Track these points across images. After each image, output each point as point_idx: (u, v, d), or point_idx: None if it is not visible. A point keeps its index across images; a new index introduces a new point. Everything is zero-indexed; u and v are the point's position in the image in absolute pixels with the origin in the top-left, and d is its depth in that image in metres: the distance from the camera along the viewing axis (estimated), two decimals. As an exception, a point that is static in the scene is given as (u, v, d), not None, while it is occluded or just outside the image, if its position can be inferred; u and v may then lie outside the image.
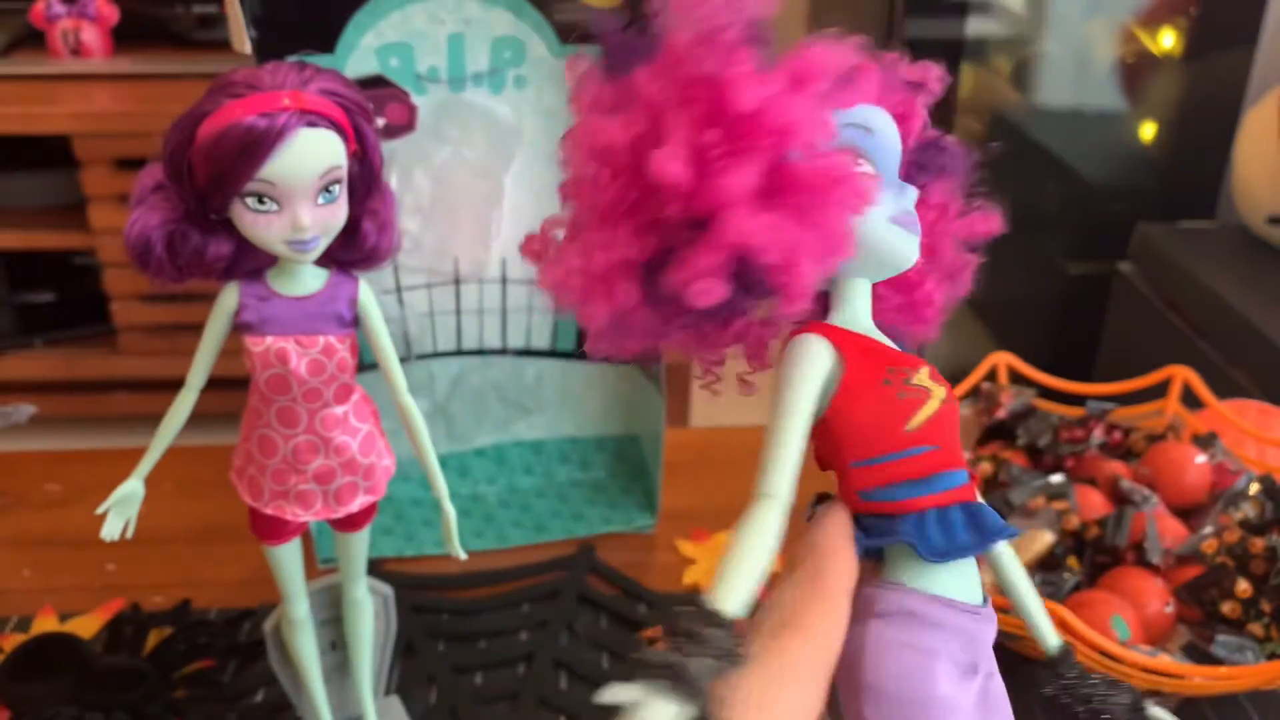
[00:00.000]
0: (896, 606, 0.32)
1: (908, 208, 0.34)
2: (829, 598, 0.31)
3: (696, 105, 0.29)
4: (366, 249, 0.51)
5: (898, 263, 0.34)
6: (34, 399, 0.77)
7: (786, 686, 0.28)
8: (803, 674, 0.29)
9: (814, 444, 0.34)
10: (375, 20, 0.67)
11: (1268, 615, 0.61)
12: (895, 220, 0.33)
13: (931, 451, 0.32)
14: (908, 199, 0.34)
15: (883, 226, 0.33)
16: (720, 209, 0.29)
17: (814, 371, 0.33)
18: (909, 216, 0.34)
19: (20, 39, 1.83)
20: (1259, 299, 1.22)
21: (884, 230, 0.33)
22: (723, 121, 0.29)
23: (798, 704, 0.28)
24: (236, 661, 0.67)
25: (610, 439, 0.86)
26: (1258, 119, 1.33)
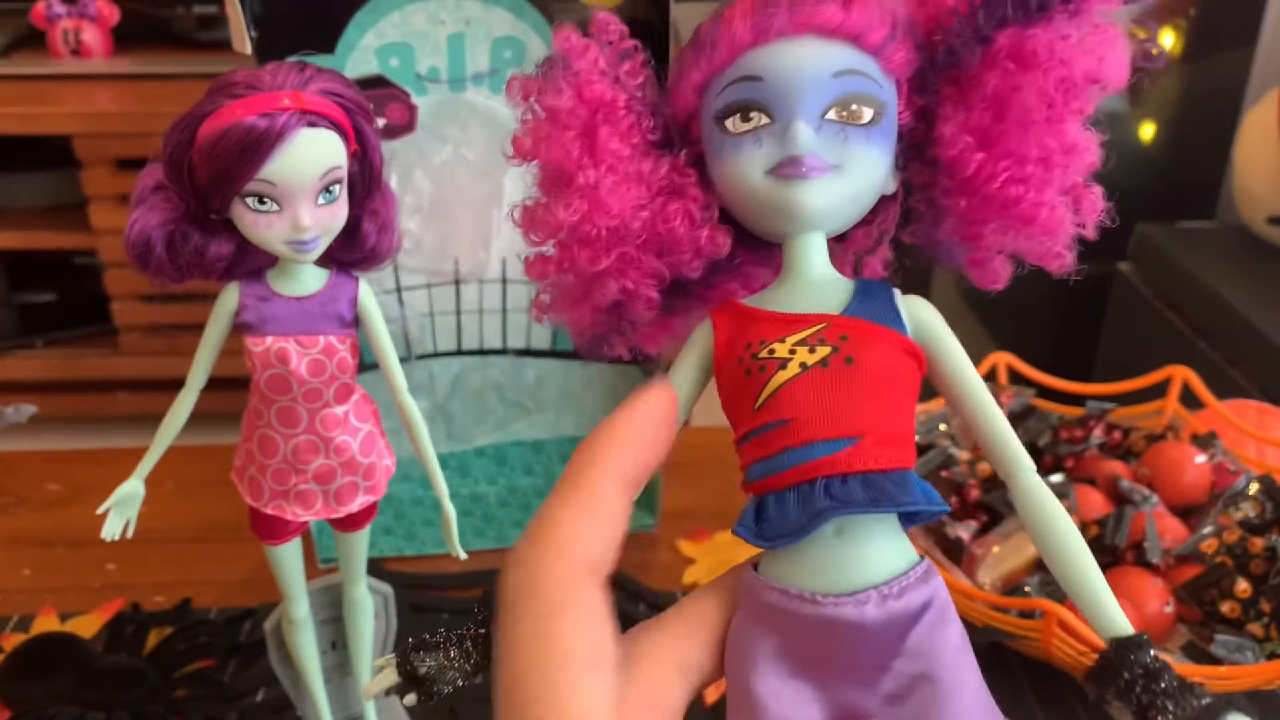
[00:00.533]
0: (747, 596, 0.31)
1: (790, 151, 0.31)
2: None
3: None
4: (367, 249, 0.51)
5: (782, 217, 0.32)
6: (34, 399, 0.77)
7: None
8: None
9: None
10: (375, 20, 0.68)
11: (1267, 615, 0.61)
12: (773, 171, 0.31)
13: (780, 428, 0.30)
14: (796, 141, 0.31)
15: (756, 180, 0.32)
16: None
17: (688, 354, 0.33)
18: (790, 163, 0.31)
19: (21, 39, 1.83)
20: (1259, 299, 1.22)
21: (756, 183, 0.32)
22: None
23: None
24: (237, 661, 0.67)
25: (610, 439, 0.86)
26: (1257, 119, 1.33)
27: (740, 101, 0.32)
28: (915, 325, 0.33)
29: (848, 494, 0.29)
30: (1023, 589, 0.64)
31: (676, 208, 0.33)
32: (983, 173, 0.32)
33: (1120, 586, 0.64)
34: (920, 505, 0.30)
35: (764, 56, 0.31)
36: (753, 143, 0.31)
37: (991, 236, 0.33)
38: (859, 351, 0.31)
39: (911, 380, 0.32)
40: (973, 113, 0.32)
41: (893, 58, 0.32)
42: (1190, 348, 1.26)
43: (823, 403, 0.30)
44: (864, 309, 0.32)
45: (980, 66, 0.32)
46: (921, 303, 0.33)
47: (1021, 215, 0.32)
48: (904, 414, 0.31)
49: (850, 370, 0.30)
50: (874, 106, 0.32)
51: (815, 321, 0.31)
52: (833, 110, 0.31)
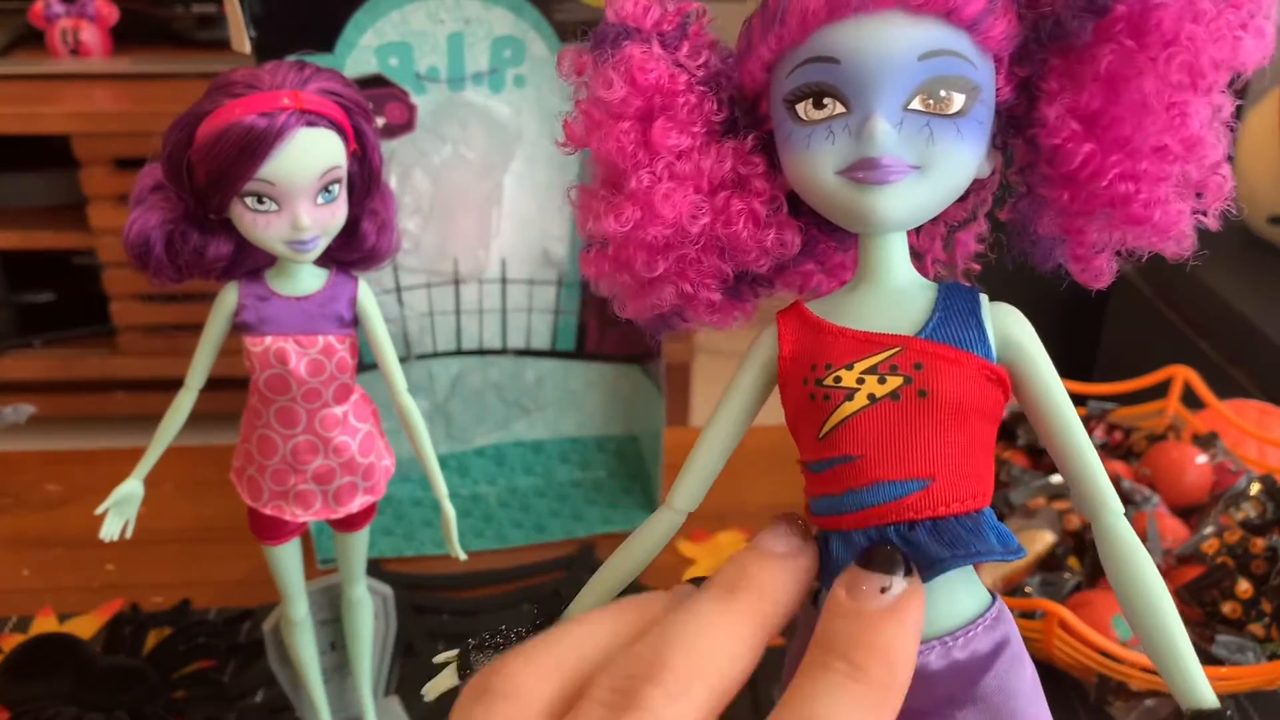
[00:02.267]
0: (808, 631, 0.28)
1: (866, 152, 0.28)
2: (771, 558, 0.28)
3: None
4: (366, 249, 0.51)
5: (856, 221, 0.29)
6: (33, 399, 0.77)
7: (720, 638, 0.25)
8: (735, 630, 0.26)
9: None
10: (375, 20, 0.67)
11: (1268, 615, 0.61)
12: (846, 172, 0.28)
13: (845, 464, 0.28)
14: (873, 141, 0.27)
15: (828, 180, 0.28)
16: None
17: (750, 363, 0.31)
18: (865, 165, 0.28)
19: (20, 38, 1.83)
20: (1260, 299, 1.22)
21: (827, 182, 0.28)
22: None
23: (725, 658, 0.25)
24: (236, 661, 0.67)
25: (610, 439, 0.86)
26: (1258, 119, 1.33)
27: (813, 85, 0.28)
28: (1003, 342, 0.29)
29: (916, 546, 0.27)
30: (1024, 589, 0.64)
31: (740, 208, 0.30)
32: (1089, 166, 0.28)
33: (1121, 587, 0.64)
34: (994, 554, 0.27)
35: (840, 35, 0.27)
36: (824, 136, 0.28)
37: (1097, 233, 0.30)
38: (934, 382, 0.28)
39: (993, 409, 0.29)
40: (1082, 94, 0.28)
41: (990, 32, 0.28)
42: (1191, 348, 1.26)
43: (891, 440, 0.28)
44: (944, 328, 0.28)
45: (1094, 41, 0.27)
46: (1012, 315, 0.30)
47: (1132, 215, 0.29)
48: (982, 448, 0.29)
49: (923, 404, 0.28)
50: (966, 91, 0.28)
51: (888, 344, 0.28)
52: (918, 99, 0.27)
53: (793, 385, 0.29)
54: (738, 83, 0.30)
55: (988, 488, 0.29)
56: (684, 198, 0.29)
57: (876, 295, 0.30)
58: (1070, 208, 0.29)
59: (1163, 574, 0.64)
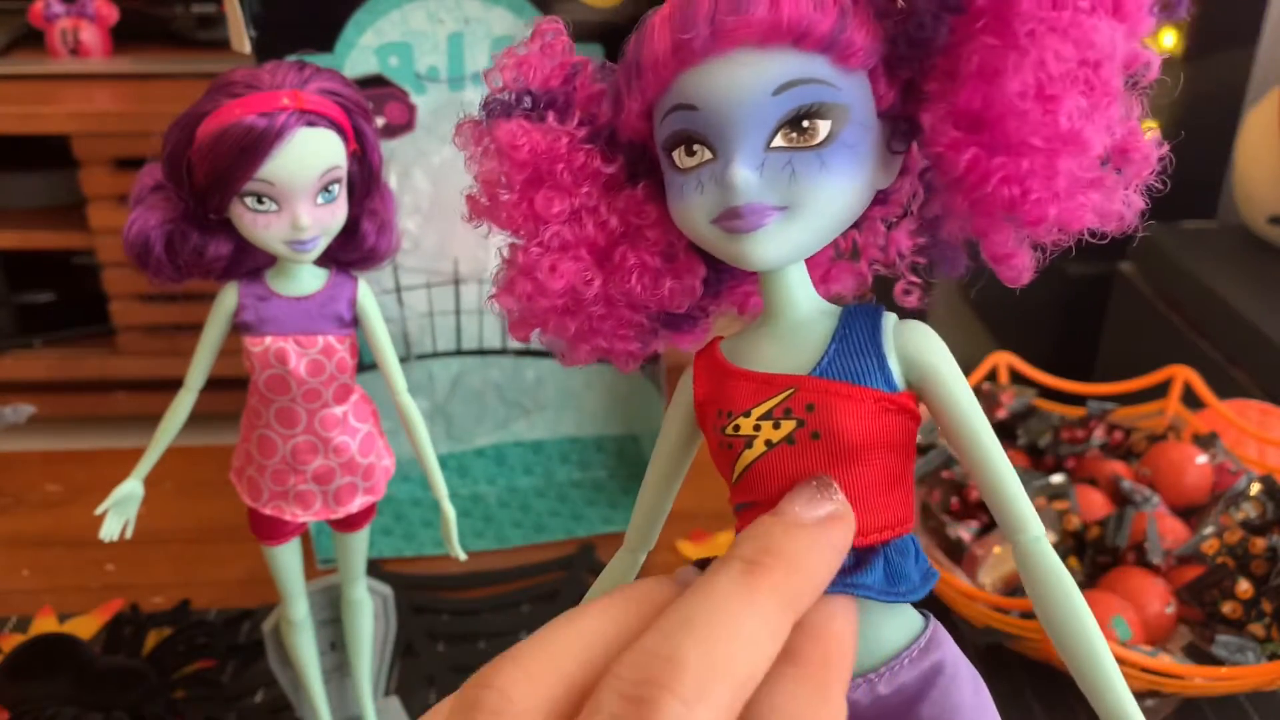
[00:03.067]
0: None
1: (729, 202, 0.27)
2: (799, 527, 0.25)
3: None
4: (366, 249, 0.51)
5: (739, 264, 0.28)
6: (33, 399, 0.77)
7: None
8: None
9: None
10: (374, 19, 0.67)
11: (1268, 615, 0.61)
12: (715, 222, 0.27)
13: (754, 509, 0.27)
14: (733, 190, 0.26)
15: (704, 230, 0.28)
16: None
17: (674, 406, 0.31)
18: (730, 214, 0.27)
19: (19, 38, 1.83)
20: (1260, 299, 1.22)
21: (704, 232, 0.28)
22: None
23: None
24: (236, 662, 0.67)
25: (610, 439, 0.86)
26: (1258, 119, 1.33)
27: (680, 133, 0.27)
28: (908, 365, 0.28)
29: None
30: (1023, 589, 0.63)
31: (633, 262, 0.29)
32: (974, 171, 0.26)
33: (1121, 587, 0.63)
34: (886, 595, 0.27)
35: (695, 81, 0.26)
36: (694, 186, 0.27)
37: (1005, 232, 0.28)
38: (827, 422, 0.27)
39: (897, 439, 0.28)
40: (959, 96, 0.26)
41: (849, 48, 0.26)
42: (1191, 348, 1.26)
43: (791, 483, 0.27)
44: (838, 362, 0.28)
45: (960, 39, 0.26)
46: (918, 334, 0.28)
47: (1028, 216, 0.27)
48: (888, 481, 0.28)
49: (817, 445, 0.27)
50: (831, 116, 0.26)
51: (783, 386, 0.28)
52: (780, 135, 0.26)
53: (707, 430, 0.30)
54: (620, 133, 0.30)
55: (902, 517, 0.28)
56: (571, 266, 0.29)
57: (778, 330, 0.29)
58: (970, 212, 0.28)
59: (1163, 574, 0.65)
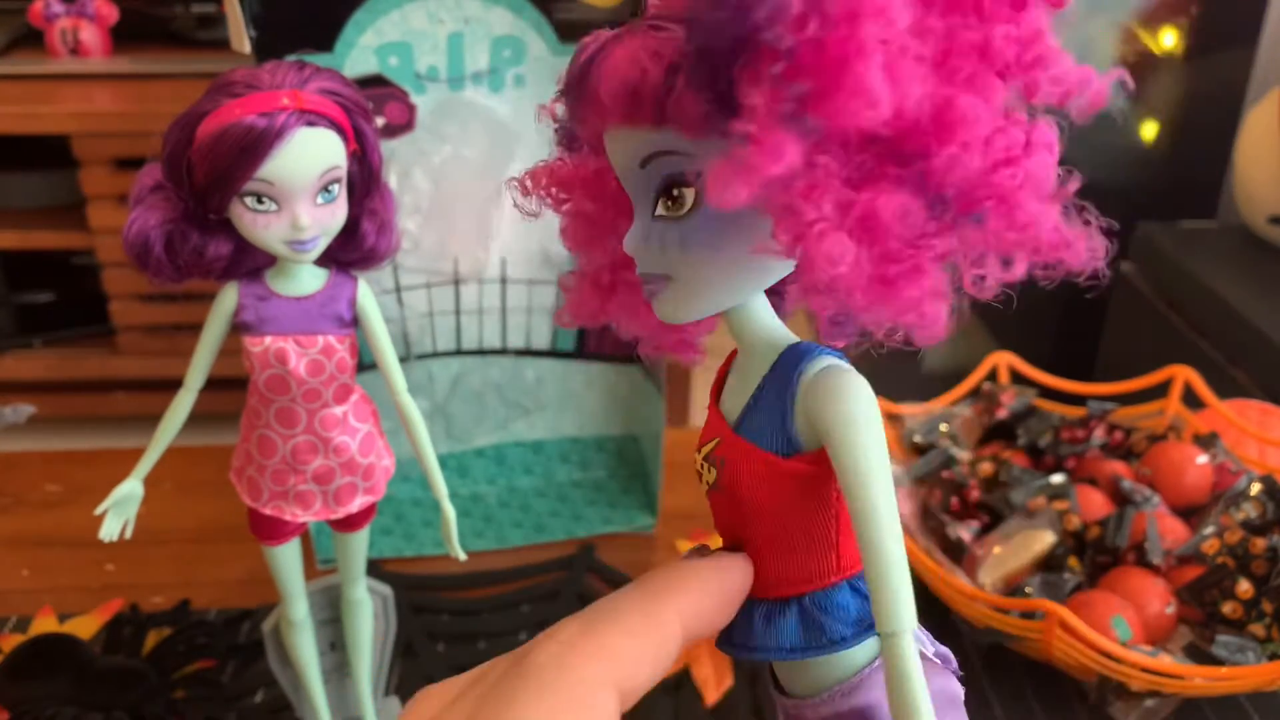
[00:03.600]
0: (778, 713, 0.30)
1: (638, 269, 0.28)
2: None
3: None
4: (366, 249, 0.51)
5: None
6: (33, 399, 0.77)
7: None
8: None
9: None
10: (374, 19, 0.67)
11: (1269, 615, 0.61)
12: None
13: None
14: (635, 258, 0.28)
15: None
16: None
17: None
18: (642, 279, 0.28)
19: (19, 38, 1.82)
20: (1260, 299, 1.22)
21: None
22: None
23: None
24: (236, 662, 0.67)
25: (610, 439, 0.86)
26: (1258, 118, 1.33)
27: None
28: (808, 423, 0.26)
29: (747, 630, 0.28)
30: (1024, 590, 0.63)
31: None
32: (820, 287, 0.24)
33: (1121, 587, 0.63)
34: (795, 654, 0.27)
35: (607, 145, 0.28)
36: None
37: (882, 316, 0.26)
38: (732, 479, 0.28)
39: (798, 499, 0.27)
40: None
41: (683, 118, 0.24)
42: (1192, 348, 1.26)
43: (725, 524, 0.29)
44: (750, 417, 0.27)
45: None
46: (824, 393, 0.26)
47: (895, 314, 0.25)
48: (792, 538, 0.27)
49: (731, 497, 0.28)
50: (695, 185, 0.26)
51: (715, 433, 0.29)
52: (661, 203, 0.27)
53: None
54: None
55: (821, 570, 0.27)
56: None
57: (740, 367, 0.29)
58: (847, 309, 0.26)
59: (1163, 574, 0.65)
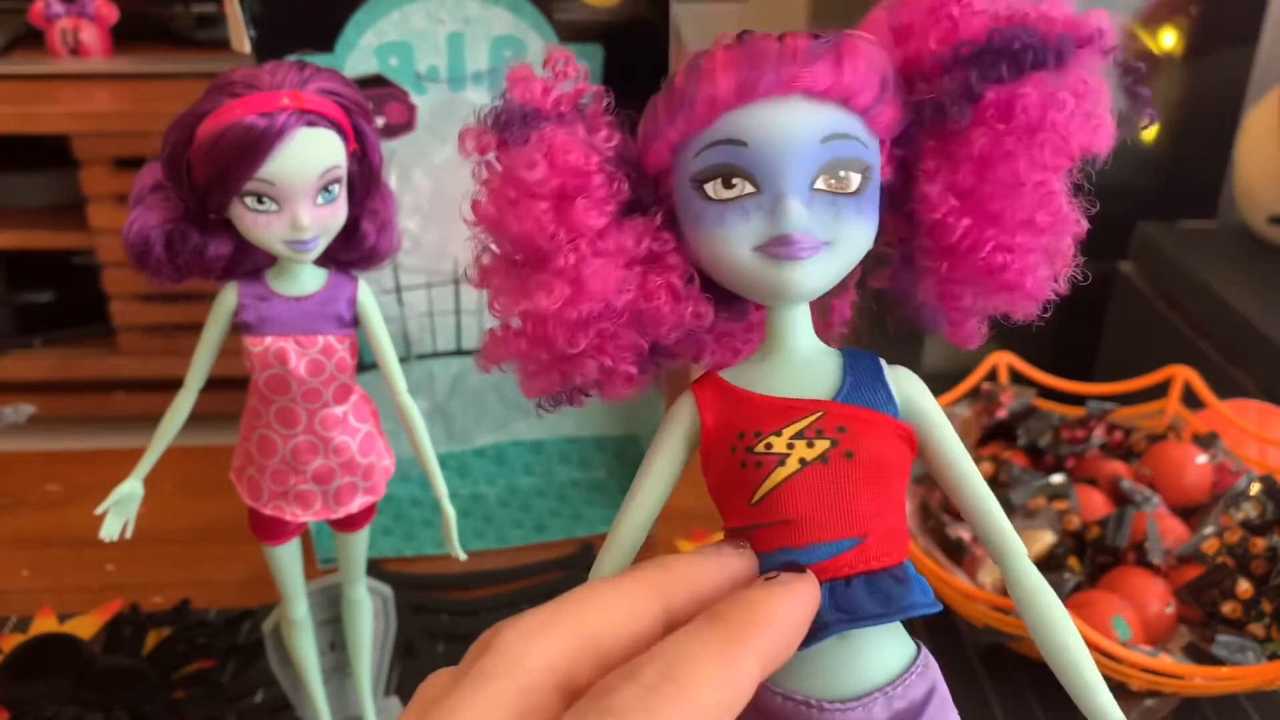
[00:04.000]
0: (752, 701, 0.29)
1: (782, 230, 0.29)
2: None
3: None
4: (366, 249, 0.51)
5: (771, 295, 0.30)
6: (33, 399, 0.77)
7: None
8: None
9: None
10: (374, 19, 0.67)
11: (1268, 615, 0.61)
12: (762, 249, 0.29)
13: (779, 526, 0.29)
14: (788, 219, 0.29)
15: (744, 256, 0.29)
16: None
17: (670, 433, 0.32)
18: (782, 241, 0.29)
19: (19, 38, 1.82)
20: (1260, 299, 1.22)
21: (741, 259, 0.29)
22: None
23: None
24: (236, 662, 0.67)
25: (610, 439, 0.86)
26: (1259, 118, 1.33)
27: (723, 166, 0.29)
28: (904, 402, 0.31)
29: (853, 603, 0.29)
30: (1024, 589, 0.63)
31: (659, 283, 0.30)
32: (968, 239, 0.30)
33: (1121, 587, 0.63)
34: (922, 608, 0.29)
35: (748, 119, 0.29)
36: (738, 214, 0.29)
37: (971, 299, 0.32)
38: (858, 444, 0.29)
39: (906, 467, 0.31)
40: (958, 173, 0.30)
41: (880, 118, 0.30)
42: (1191, 347, 1.26)
43: (825, 501, 0.29)
44: (858, 393, 0.30)
45: (968, 124, 0.30)
46: (909, 376, 0.32)
47: (1005, 282, 0.31)
48: (901, 504, 0.31)
49: (850, 465, 0.29)
50: (861, 171, 0.29)
51: (811, 409, 0.30)
52: (821, 179, 0.29)
53: (718, 454, 0.31)
54: (637, 162, 0.31)
55: (907, 542, 0.30)
56: (611, 273, 0.30)
57: (787, 363, 0.31)
58: (948, 276, 0.31)
59: (1163, 574, 0.65)
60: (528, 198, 0.30)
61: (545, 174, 0.30)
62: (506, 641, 0.24)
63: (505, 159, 0.31)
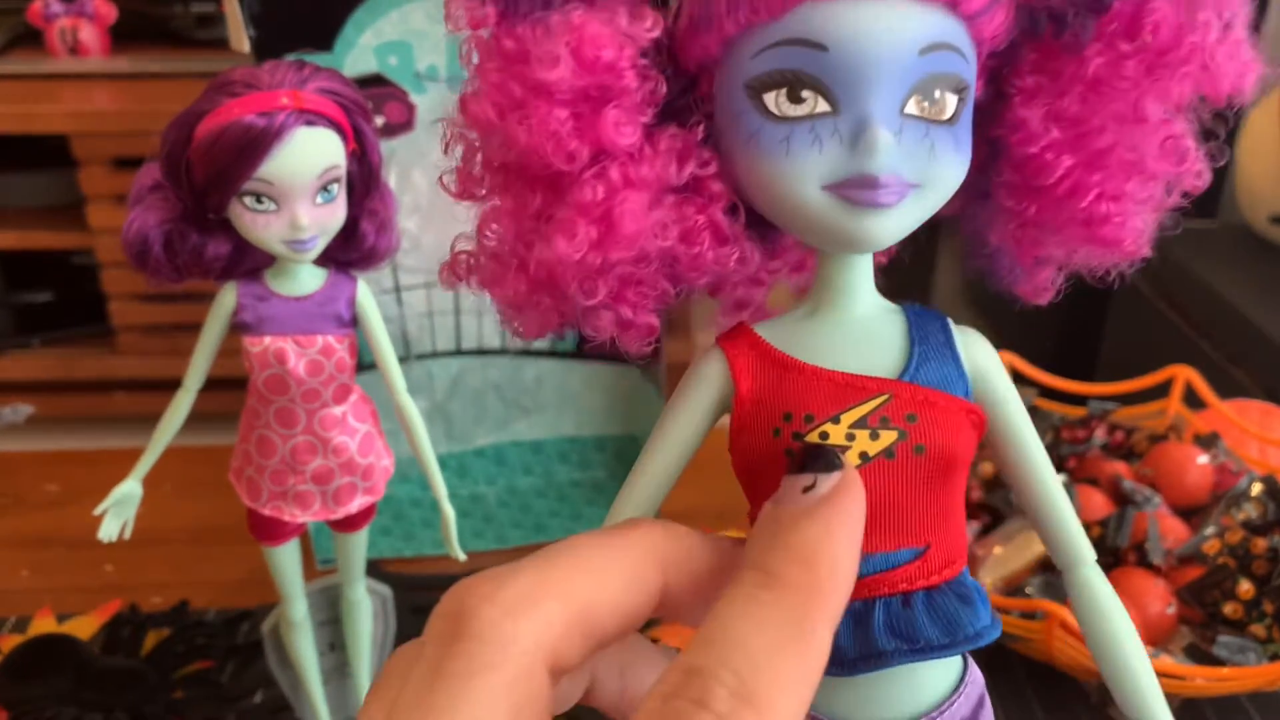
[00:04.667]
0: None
1: (865, 169, 0.23)
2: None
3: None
4: (365, 249, 0.51)
5: (839, 243, 0.24)
6: (32, 399, 0.77)
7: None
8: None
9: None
10: (374, 19, 0.67)
11: (1269, 616, 0.60)
12: (836, 189, 0.23)
13: None
14: (874, 154, 0.23)
15: (810, 196, 0.23)
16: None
17: (695, 394, 0.27)
18: (863, 183, 0.23)
19: (18, 38, 1.82)
20: (1261, 299, 1.22)
21: (811, 201, 0.23)
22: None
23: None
24: (235, 662, 0.67)
25: (610, 439, 0.86)
26: (1259, 118, 1.33)
27: (790, 73, 0.23)
28: (976, 376, 0.26)
29: (913, 628, 0.24)
30: (1024, 590, 0.63)
31: (701, 222, 0.24)
32: (1067, 182, 0.24)
33: (1122, 587, 0.63)
34: (988, 636, 0.25)
35: (831, 16, 0.22)
36: (806, 139, 0.23)
37: (1055, 248, 0.26)
38: (930, 435, 0.24)
39: (971, 456, 0.26)
40: (1065, 98, 0.24)
41: (988, 26, 0.24)
42: (1192, 347, 1.26)
43: (887, 504, 0.24)
44: (928, 368, 0.25)
45: (1089, 39, 0.24)
46: (981, 342, 0.26)
47: (1104, 237, 0.25)
48: (962, 504, 0.26)
49: (919, 461, 0.24)
50: (959, 91, 0.23)
51: (874, 391, 0.24)
52: (913, 101, 0.23)
53: (757, 433, 0.25)
54: (671, 50, 0.24)
55: (966, 546, 0.26)
56: (647, 210, 0.24)
57: (842, 325, 0.26)
58: (1035, 219, 0.26)
59: (1164, 574, 0.65)
60: (541, 101, 0.23)
61: (569, 73, 0.23)
62: (489, 621, 0.20)
63: (511, 41, 0.24)
